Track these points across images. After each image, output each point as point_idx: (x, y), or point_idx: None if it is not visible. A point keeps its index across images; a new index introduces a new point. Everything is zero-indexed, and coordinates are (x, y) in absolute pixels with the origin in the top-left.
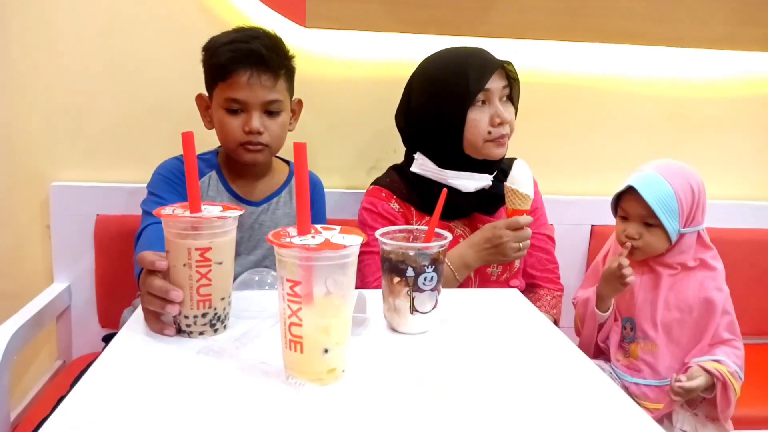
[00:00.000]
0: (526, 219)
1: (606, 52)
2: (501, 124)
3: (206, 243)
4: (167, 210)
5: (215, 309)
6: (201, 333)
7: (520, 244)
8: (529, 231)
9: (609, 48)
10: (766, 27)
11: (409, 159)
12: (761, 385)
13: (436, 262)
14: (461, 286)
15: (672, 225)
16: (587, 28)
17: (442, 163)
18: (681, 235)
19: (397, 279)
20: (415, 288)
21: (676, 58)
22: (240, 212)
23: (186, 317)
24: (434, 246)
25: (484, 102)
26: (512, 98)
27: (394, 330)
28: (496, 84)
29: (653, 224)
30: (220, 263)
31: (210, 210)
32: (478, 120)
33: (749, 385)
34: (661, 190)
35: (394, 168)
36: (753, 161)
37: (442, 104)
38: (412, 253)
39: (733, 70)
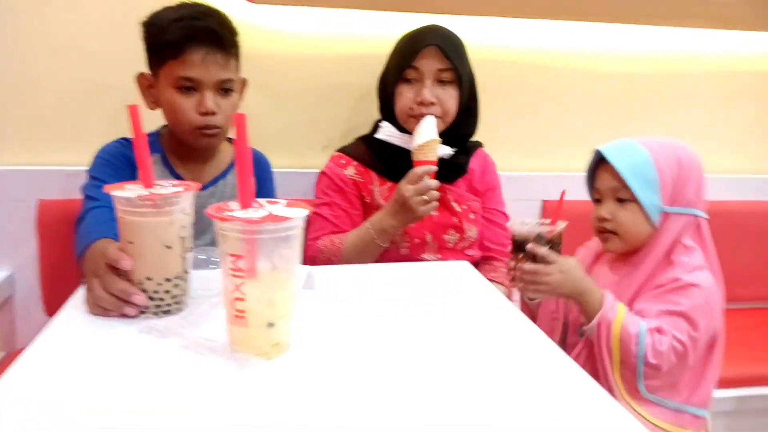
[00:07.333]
0: (422, 169)
1: (559, 28)
2: (422, 103)
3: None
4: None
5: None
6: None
7: (425, 197)
8: (431, 182)
9: (562, 24)
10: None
11: (375, 127)
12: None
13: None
14: (418, 252)
15: (648, 197)
16: (543, 6)
17: (405, 130)
18: (666, 217)
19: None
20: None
21: (627, 33)
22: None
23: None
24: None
25: (415, 80)
26: (459, 83)
27: None
28: (428, 65)
29: (626, 198)
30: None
31: (165, 186)
32: (402, 95)
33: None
34: (634, 155)
35: (361, 137)
36: (706, 135)
37: (387, 75)
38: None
39: (675, 45)
